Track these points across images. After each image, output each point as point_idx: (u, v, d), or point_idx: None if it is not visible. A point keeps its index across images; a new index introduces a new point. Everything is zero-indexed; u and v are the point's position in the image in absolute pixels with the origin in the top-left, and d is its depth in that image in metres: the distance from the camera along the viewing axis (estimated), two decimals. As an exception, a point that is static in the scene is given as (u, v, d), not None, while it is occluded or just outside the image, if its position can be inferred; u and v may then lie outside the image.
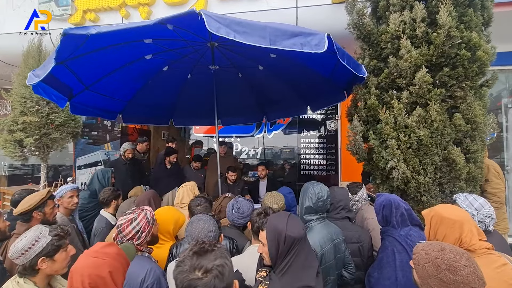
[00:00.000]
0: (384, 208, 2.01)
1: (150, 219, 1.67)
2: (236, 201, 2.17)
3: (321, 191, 1.72)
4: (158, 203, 2.59)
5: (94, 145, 4.68)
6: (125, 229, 1.57)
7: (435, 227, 1.49)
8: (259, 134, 5.91)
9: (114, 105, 3.79)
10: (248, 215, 2.13)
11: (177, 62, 3.53)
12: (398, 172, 2.34)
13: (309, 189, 1.75)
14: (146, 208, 1.73)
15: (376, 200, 2.10)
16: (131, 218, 1.60)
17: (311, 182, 1.82)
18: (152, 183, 4.42)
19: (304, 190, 1.81)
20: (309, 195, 1.73)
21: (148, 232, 1.63)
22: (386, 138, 2.41)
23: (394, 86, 2.58)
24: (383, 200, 2.04)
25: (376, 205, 2.08)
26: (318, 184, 1.77)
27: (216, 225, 1.49)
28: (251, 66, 3.72)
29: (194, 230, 1.46)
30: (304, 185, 1.86)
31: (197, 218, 1.54)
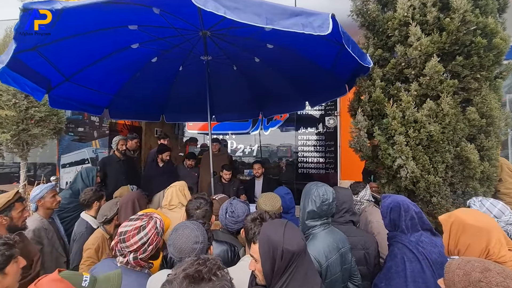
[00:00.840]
0: (392, 211, 1.81)
1: (159, 229, 1.42)
2: (231, 204, 1.95)
3: (326, 193, 1.51)
4: (143, 205, 2.36)
5: (81, 142, 4.41)
6: (130, 238, 1.31)
7: (456, 236, 1.29)
8: (255, 131, 5.68)
9: (99, 99, 3.53)
10: (243, 220, 1.92)
11: (167, 53, 3.28)
12: (407, 171, 2.14)
13: (312, 191, 1.54)
14: (155, 215, 1.49)
15: (382, 202, 1.91)
16: (138, 226, 1.34)
17: (314, 183, 1.61)
18: (143, 182, 4.18)
19: (306, 192, 1.60)
20: (312, 197, 1.52)
21: (155, 245, 1.39)
22: (393, 133, 2.21)
23: (401, 78, 2.37)
24: (391, 202, 1.84)
25: (382, 208, 1.88)
26: (322, 185, 1.55)
27: (205, 235, 1.27)
28: (247, 58, 3.49)
29: (177, 239, 1.24)
30: (306, 186, 1.64)
31: (182, 225, 1.32)
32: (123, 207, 2.27)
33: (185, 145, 6.88)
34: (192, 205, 1.74)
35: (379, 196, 3.09)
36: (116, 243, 1.33)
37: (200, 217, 1.68)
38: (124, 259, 1.33)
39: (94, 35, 2.46)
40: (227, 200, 2.03)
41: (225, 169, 4.32)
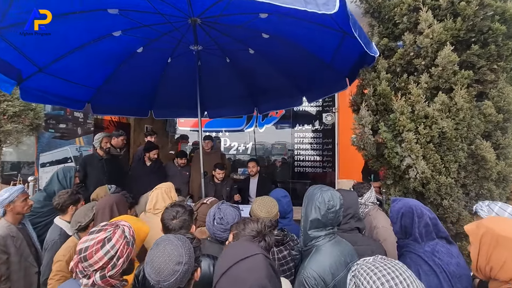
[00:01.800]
0: (403, 217, 1.61)
1: (130, 238, 1.18)
2: (219, 209, 1.72)
3: (332, 199, 1.29)
4: (123, 210, 2.10)
5: (63, 139, 4.12)
6: (93, 255, 1.07)
7: (488, 250, 1.09)
8: (250, 128, 5.44)
9: (80, 93, 3.25)
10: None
11: (153, 42, 3.02)
12: (416, 172, 1.94)
13: (316, 196, 1.31)
14: (123, 223, 1.25)
15: (391, 206, 1.70)
16: (102, 239, 1.10)
17: (318, 187, 1.39)
18: (130, 182, 3.91)
19: (309, 197, 1.38)
20: (317, 204, 1.30)
21: (127, 257, 1.15)
22: (401, 130, 2.00)
23: (409, 69, 2.16)
24: (402, 206, 1.64)
25: (392, 213, 1.68)
26: (328, 190, 1.33)
27: (192, 254, 1.02)
28: (241, 49, 3.25)
29: (156, 257, 1.00)
30: (309, 190, 1.42)
31: (165, 240, 1.08)
32: (100, 212, 2.01)
33: (177, 142, 6.61)
34: (168, 215, 1.49)
35: (381, 197, 2.90)
36: (76, 264, 1.09)
37: (177, 228, 1.44)
38: (89, 281, 1.09)
39: (69, 20, 2.19)
40: (216, 204, 1.79)
41: (217, 168, 4.08)
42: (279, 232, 1.66)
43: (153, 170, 3.94)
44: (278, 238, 1.62)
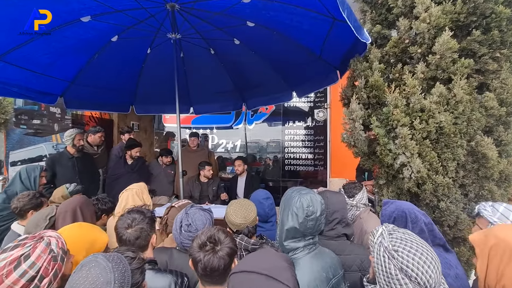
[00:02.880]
0: (396, 222, 1.42)
1: (57, 252, 0.98)
2: (187, 214, 1.51)
3: (311, 204, 1.09)
4: (89, 215, 1.87)
5: (37, 136, 3.85)
6: (3, 279, 0.85)
7: (500, 265, 0.90)
8: (239, 124, 5.22)
9: (50, 85, 2.99)
10: (205, 234, 1.49)
11: (129, 31, 2.77)
12: (411, 171, 1.76)
13: (293, 200, 1.11)
14: (49, 233, 1.03)
15: (383, 210, 1.52)
16: (17, 257, 0.89)
17: (297, 189, 1.18)
18: (108, 182, 3.68)
19: (285, 201, 1.17)
20: (293, 210, 1.10)
21: (54, 275, 0.94)
22: (395, 125, 1.82)
23: (404, 58, 1.97)
24: (394, 210, 1.45)
25: (383, 217, 1.49)
26: (308, 193, 1.13)
27: (127, 279, 0.80)
28: (225, 39, 3.03)
29: (76, 285, 0.77)
30: (286, 194, 1.22)
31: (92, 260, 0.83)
32: (60, 218, 1.78)
33: (166, 140, 6.36)
34: (122, 223, 1.27)
35: (373, 197, 2.72)
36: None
37: (132, 239, 1.22)
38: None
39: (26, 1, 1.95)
40: (183, 208, 1.58)
41: (206, 166, 3.86)
42: (256, 239, 1.46)
43: (134, 168, 3.70)
44: (255, 247, 1.42)
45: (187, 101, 4.20)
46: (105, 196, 2.28)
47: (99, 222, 2.25)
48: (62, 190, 2.43)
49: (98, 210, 2.20)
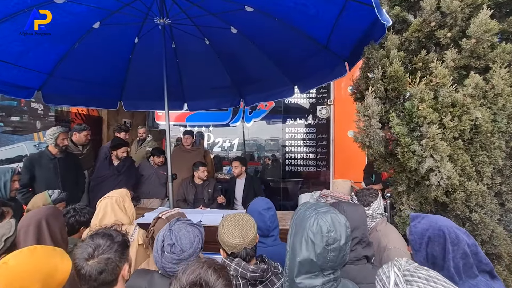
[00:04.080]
0: (431, 243, 1.15)
1: None
2: (170, 231, 1.22)
3: (333, 227, 0.80)
4: (57, 229, 1.57)
5: (16, 134, 3.53)
6: None
7: None
8: (236, 122, 4.92)
9: (25, 78, 2.67)
10: (191, 255, 1.21)
11: (113, 16, 2.46)
12: (440, 177, 1.48)
13: (309, 222, 0.82)
14: None
15: (412, 227, 1.24)
16: None
17: (312, 207, 0.89)
18: (93, 185, 3.38)
19: (297, 222, 0.89)
20: (309, 235, 0.81)
21: None
22: (420, 122, 1.53)
23: (429, 44, 1.69)
24: (427, 228, 1.18)
25: (413, 235, 1.21)
26: (327, 212, 0.83)
27: None
28: (221, 27, 2.72)
29: None
30: (297, 211, 0.93)
31: None
32: (22, 233, 1.49)
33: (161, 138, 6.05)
34: (81, 252, 0.95)
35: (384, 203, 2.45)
36: None
37: (95, 273, 0.93)
38: None
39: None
40: (166, 224, 1.29)
41: (200, 166, 3.58)
42: (256, 265, 1.17)
43: (121, 169, 3.40)
44: (254, 275, 1.13)
45: (180, 97, 3.89)
46: (83, 206, 1.99)
47: (76, 236, 1.96)
48: (44, 198, 2.12)
49: (75, 223, 1.91)
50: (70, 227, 1.89)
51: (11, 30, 2.12)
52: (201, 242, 1.32)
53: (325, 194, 3.74)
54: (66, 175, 2.89)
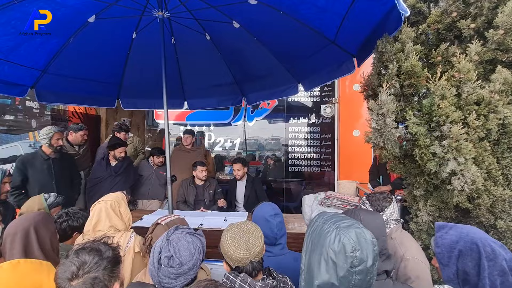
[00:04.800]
0: (462, 257, 1.02)
1: None
2: (168, 241, 1.10)
3: (358, 246, 0.67)
4: (47, 236, 1.45)
5: (10, 133, 3.42)
6: None
7: None
8: (238, 121, 4.79)
9: (17, 74, 2.54)
10: (191, 269, 1.08)
11: (109, 9, 2.33)
12: (464, 181, 1.35)
13: (328, 239, 0.70)
14: None
15: (437, 238, 1.11)
16: None
17: (332, 219, 0.75)
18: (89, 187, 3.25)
19: (313, 236, 0.76)
20: (330, 254, 0.68)
21: None
22: (442, 121, 1.40)
23: (449, 37, 1.56)
24: (457, 239, 1.05)
25: (441, 248, 1.09)
26: (350, 226, 0.70)
27: None
28: (222, 21, 2.59)
29: None
30: (313, 223, 0.81)
31: None
32: (7, 244, 1.37)
33: (161, 137, 5.92)
34: (63, 271, 0.80)
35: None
36: None
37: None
38: None
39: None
40: (164, 233, 1.17)
41: (198, 165, 3.45)
42: (263, 283, 1.04)
43: (119, 170, 3.28)
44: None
45: (180, 95, 3.76)
46: (77, 210, 1.86)
47: (70, 242, 1.84)
48: (40, 201, 2.01)
49: (67, 228, 1.79)
50: (63, 232, 1.77)
51: (1, 24, 2.00)
52: (203, 254, 1.20)
53: (330, 196, 3.61)
54: (61, 177, 2.77)
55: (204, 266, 1.47)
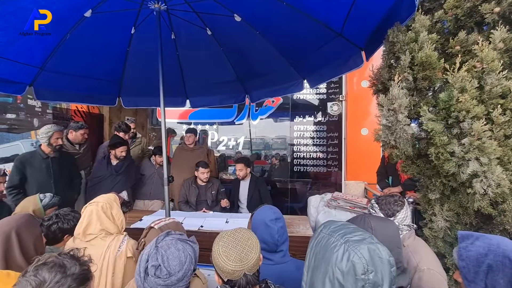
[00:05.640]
0: (492, 274, 0.89)
1: None
2: (156, 248, 1.00)
3: (372, 265, 0.55)
4: (30, 241, 1.37)
5: (12, 132, 3.39)
6: None
7: None
8: (241, 119, 4.68)
9: (14, 72, 2.49)
10: (180, 280, 0.98)
11: (105, 2, 2.25)
12: (487, 184, 1.20)
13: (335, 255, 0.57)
14: None
15: (461, 249, 0.97)
16: None
17: (340, 231, 0.62)
18: (90, 186, 3.20)
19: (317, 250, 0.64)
20: (336, 273, 0.56)
21: None
22: (461, 117, 1.26)
23: (469, 24, 1.41)
24: (485, 252, 0.91)
25: (465, 261, 0.95)
26: (362, 240, 0.58)
27: None
28: (223, 14, 2.48)
29: None
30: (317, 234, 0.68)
31: None
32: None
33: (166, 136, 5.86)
34: None
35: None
36: None
37: None
38: None
39: None
40: (154, 239, 1.07)
41: (200, 167, 3.37)
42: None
43: (119, 169, 3.21)
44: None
45: (182, 92, 3.67)
46: (68, 212, 1.78)
47: (61, 244, 1.76)
48: (35, 202, 1.94)
49: (57, 230, 1.70)
50: (53, 235, 1.69)
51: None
52: (194, 263, 1.09)
53: (337, 197, 3.46)
54: (60, 176, 2.72)
55: (199, 273, 1.36)
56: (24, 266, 1.20)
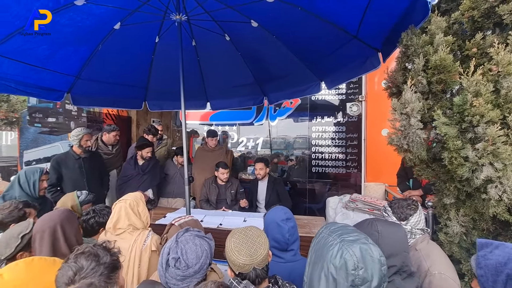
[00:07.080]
0: (511, 282, 0.88)
1: None
2: (176, 243, 1.11)
3: (362, 263, 0.60)
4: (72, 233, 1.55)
5: (52, 134, 3.75)
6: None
7: None
8: (260, 120, 4.77)
9: (54, 80, 2.77)
10: (197, 272, 1.08)
11: (132, 16, 2.44)
12: (502, 190, 1.18)
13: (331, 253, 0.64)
14: None
15: (480, 258, 0.97)
16: None
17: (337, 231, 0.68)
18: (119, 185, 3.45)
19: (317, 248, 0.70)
20: (330, 269, 0.63)
21: None
22: (475, 122, 1.24)
23: (486, 25, 1.37)
24: (505, 261, 0.91)
25: (484, 270, 0.95)
26: (356, 240, 0.63)
27: None
28: (241, 21, 2.58)
29: None
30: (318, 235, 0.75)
31: None
32: (38, 238, 1.48)
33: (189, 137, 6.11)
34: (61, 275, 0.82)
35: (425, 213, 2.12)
36: None
37: None
38: None
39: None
40: (174, 235, 1.18)
41: (220, 167, 3.51)
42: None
43: (146, 169, 3.43)
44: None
45: (203, 95, 3.83)
46: (103, 207, 1.98)
47: (96, 236, 1.96)
48: (73, 199, 2.17)
49: (95, 224, 1.90)
50: (90, 228, 1.89)
51: (38, 34, 2.18)
52: (210, 257, 1.20)
53: (356, 199, 3.44)
54: (91, 175, 2.97)
55: (216, 268, 1.46)
56: (67, 254, 1.37)
